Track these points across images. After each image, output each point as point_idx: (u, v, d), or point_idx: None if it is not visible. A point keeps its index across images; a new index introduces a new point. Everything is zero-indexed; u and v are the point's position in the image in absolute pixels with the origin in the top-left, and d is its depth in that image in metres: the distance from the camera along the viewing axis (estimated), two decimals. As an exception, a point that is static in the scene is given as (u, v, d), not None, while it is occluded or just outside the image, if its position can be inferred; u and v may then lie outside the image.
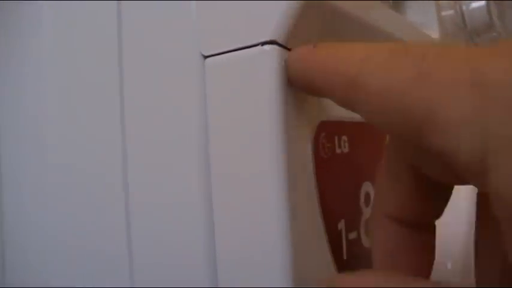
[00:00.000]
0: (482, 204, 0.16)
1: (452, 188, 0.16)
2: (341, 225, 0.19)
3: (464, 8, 0.41)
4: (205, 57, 0.17)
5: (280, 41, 0.16)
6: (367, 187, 0.21)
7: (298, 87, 0.16)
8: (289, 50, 0.16)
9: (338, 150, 0.19)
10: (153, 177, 0.19)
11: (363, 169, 0.21)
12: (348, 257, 0.19)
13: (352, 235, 0.20)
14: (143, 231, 0.19)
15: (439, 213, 0.16)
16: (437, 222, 0.17)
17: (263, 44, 0.16)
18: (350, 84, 0.13)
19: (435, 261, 0.17)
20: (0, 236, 0.24)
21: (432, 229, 0.17)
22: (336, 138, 0.19)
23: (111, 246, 0.20)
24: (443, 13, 0.39)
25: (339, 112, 0.19)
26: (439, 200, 0.16)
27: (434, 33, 0.31)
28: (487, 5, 0.41)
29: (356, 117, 0.15)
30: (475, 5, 0.40)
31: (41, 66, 0.23)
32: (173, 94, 0.18)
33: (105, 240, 0.20)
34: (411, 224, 0.16)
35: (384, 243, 0.16)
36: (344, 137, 0.20)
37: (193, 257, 0.18)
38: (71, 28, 0.22)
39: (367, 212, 0.21)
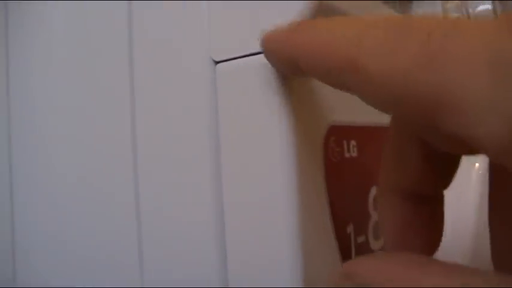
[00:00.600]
0: (497, 183, 0.15)
1: (461, 156, 0.15)
2: (350, 228, 0.19)
3: (470, 10, 0.41)
4: (216, 62, 0.18)
5: (290, 47, 0.16)
6: (375, 191, 0.22)
7: (278, 70, 0.16)
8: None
9: (347, 155, 0.19)
10: (164, 181, 0.19)
11: (372, 173, 0.21)
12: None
13: (361, 239, 0.20)
14: (153, 231, 0.19)
15: (447, 182, 0.16)
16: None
17: (273, 50, 0.16)
18: (347, 67, 0.12)
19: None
20: (12, 236, 0.24)
21: (441, 199, 0.16)
22: (345, 142, 0.19)
23: (121, 246, 0.20)
24: (449, 15, 0.40)
25: (348, 117, 0.20)
26: (448, 169, 0.15)
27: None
28: (493, 7, 0.41)
29: (365, 121, 0.15)
30: (481, 7, 0.40)
31: (51, 67, 0.23)
32: (184, 99, 0.18)
33: (116, 240, 0.20)
34: (419, 196, 0.15)
35: (392, 220, 0.16)
36: (353, 142, 0.20)
37: (204, 257, 0.18)
38: (81, 30, 0.22)
39: (375, 216, 0.21)
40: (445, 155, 0.15)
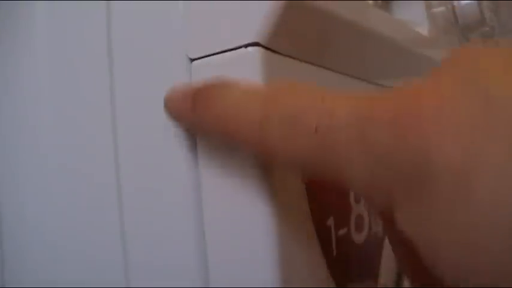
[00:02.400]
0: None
1: None
2: (330, 221, 0.19)
3: (455, 4, 0.41)
4: (192, 60, 0.18)
5: (263, 42, 0.16)
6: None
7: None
8: (273, 51, 0.17)
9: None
10: (145, 177, 0.19)
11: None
12: (337, 253, 0.19)
13: (342, 231, 0.20)
14: (137, 231, 0.19)
15: None
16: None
17: (246, 46, 0.16)
18: (254, 146, 0.15)
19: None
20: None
21: None
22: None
23: (106, 247, 0.20)
24: (434, 10, 0.40)
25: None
26: None
27: (423, 30, 0.32)
28: (478, 2, 0.41)
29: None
30: (466, 2, 0.40)
31: (35, 67, 0.23)
32: (161, 96, 0.18)
33: (100, 240, 0.21)
34: None
35: None
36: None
37: (185, 258, 0.18)
38: (63, 29, 0.22)
39: (357, 208, 0.21)
40: None
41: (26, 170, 0.23)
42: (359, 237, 0.21)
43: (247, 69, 0.16)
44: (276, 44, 0.17)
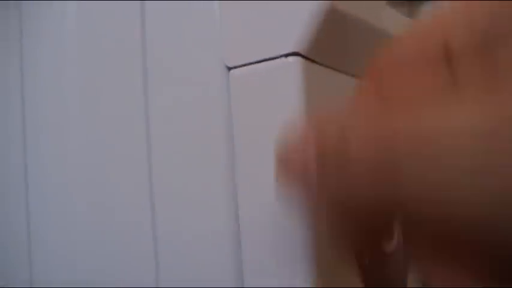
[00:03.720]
0: None
1: None
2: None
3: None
4: (230, 68, 0.18)
5: (303, 52, 0.16)
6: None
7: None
8: (312, 61, 0.17)
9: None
10: (180, 188, 0.19)
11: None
12: (369, 262, 0.19)
13: (374, 240, 0.20)
14: (169, 232, 0.20)
15: None
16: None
17: (286, 55, 0.17)
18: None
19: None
20: (28, 235, 0.25)
21: None
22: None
23: (137, 246, 0.20)
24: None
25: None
26: None
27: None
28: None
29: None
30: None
31: (64, 68, 0.23)
32: (198, 105, 0.19)
33: (131, 240, 0.21)
34: None
35: None
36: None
37: (219, 257, 0.18)
38: (94, 32, 0.22)
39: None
40: None
41: (56, 170, 0.24)
42: (389, 246, 0.21)
43: (287, 79, 0.16)
44: (315, 54, 0.17)
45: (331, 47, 0.17)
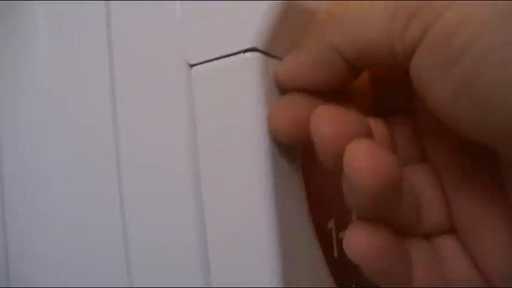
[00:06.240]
0: None
1: None
2: (331, 224, 0.19)
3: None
4: (192, 65, 0.18)
5: (261, 47, 0.16)
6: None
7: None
8: (271, 56, 0.17)
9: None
10: (145, 184, 0.19)
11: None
12: (338, 256, 0.19)
13: (343, 234, 0.20)
14: (139, 232, 0.20)
15: None
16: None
17: (245, 51, 0.17)
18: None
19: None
20: (4, 235, 0.25)
21: None
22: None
23: (108, 246, 0.20)
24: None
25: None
26: None
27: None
28: None
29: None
30: None
31: (36, 68, 0.23)
32: (161, 103, 0.18)
33: (102, 240, 0.21)
34: None
35: None
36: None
37: (187, 258, 0.18)
38: (63, 29, 0.22)
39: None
40: None
41: (30, 170, 0.24)
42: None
43: (246, 75, 0.16)
44: (274, 49, 0.17)
45: (290, 40, 0.17)
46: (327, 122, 0.15)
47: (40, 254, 0.23)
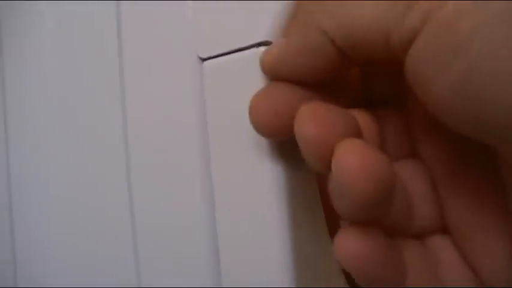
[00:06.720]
0: None
1: None
2: (344, 222, 0.19)
3: None
4: (203, 59, 0.18)
5: (274, 41, 0.16)
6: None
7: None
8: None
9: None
10: (155, 179, 0.19)
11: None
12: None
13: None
14: (147, 230, 0.19)
15: None
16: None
17: (258, 45, 0.16)
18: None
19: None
20: (12, 234, 0.25)
21: None
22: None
23: (117, 247, 0.20)
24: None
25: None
26: None
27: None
28: None
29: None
30: None
31: (43, 66, 0.23)
32: (172, 97, 0.18)
33: (112, 240, 0.21)
34: None
35: None
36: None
37: (197, 258, 0.18)
38: (72, 29, 0.22)
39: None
40: None
41: (38, 170, 0.24)
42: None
43: (259, 69, 0.16)
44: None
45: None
46: (312, 123, 0.14)
47: (48, 254, 0.23)
